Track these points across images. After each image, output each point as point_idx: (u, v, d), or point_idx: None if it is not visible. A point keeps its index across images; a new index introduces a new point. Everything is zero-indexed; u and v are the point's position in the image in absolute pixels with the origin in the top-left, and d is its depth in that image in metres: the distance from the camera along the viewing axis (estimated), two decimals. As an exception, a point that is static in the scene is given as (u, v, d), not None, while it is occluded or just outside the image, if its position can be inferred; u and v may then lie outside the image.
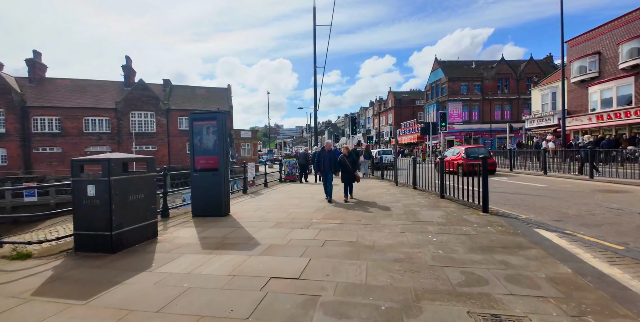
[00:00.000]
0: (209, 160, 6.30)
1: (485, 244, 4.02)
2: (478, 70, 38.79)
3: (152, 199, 4.76)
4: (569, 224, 5.32)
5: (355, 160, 8.21)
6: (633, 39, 19.23)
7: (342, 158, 8.08)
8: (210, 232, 5.08)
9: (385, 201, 7.73)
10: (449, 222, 5.21)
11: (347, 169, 8.03)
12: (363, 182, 12.70)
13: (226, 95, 31.73)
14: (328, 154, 7.96)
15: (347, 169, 8.03)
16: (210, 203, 6.25)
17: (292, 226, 5.28)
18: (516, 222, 5.22)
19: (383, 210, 6.47)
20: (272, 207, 7.23)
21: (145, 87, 27.16)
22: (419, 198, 7.98)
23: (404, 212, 6.15)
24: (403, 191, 9.41)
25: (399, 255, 3.67)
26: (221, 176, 6.23)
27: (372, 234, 4.59)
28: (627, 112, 19.46)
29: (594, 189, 8.62)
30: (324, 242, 4.25)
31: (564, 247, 3.98)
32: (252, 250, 3.99)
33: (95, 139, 26.95)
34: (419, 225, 5.09)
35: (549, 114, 25.78)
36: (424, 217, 5.71)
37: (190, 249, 4.19)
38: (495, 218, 5.48)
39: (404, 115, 51.58)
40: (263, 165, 13.20)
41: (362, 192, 9.42)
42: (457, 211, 6.15)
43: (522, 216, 5.94)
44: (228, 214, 6.42)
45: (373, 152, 20.19)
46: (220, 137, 6.26)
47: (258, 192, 10.25)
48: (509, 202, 7.31)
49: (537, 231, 4.73)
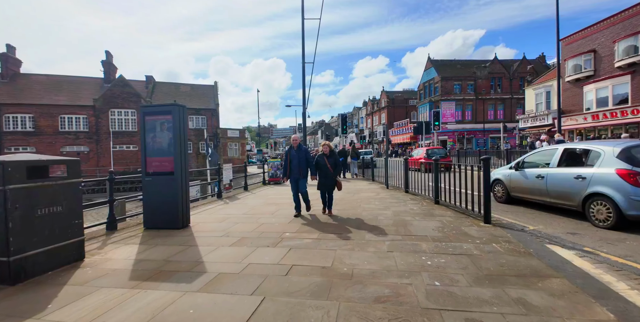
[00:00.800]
0: (163, 162, 5.32)
1: (494, 271, 3.14)
2: (471, 69, 38.33)
3: (76, 213, 3.77)
4: (585, 238, 4.50)
5: (337, 161, 6.22)
6: (629, 36, 18.76)
7: (320, 158, 6.12)
8: (153, 252, 4.10)
9: (373, 207, 6.84)
10: (446, 237, 4.34)
11: (327, 173, 6.08)
12: (352, 184, 11.83)
13: (212, 92, 30.52)
14: (297, 154, 6.03)
15: (327, 173, 6.08)
16: (164, 213, 5.27)
17: (257, 242, 4.34)
18: (525, 237, 4.37)
19: (369, 220, 5.57)
20: (243, 216, 6.27)
21: (125, 83, 25.79)
22: (411, 204, 7.12)
23: (394, 223, 5.26)
24: (394, 195, 8.55)
25: (383, 290, 2.76)
26: (178, 181, 5.25)
27: (352, 255, 3.68)
28: (623, 111, 18.99)
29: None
30: (289, 268, 3.32)
31: (592, 274, 3.13)
32: (192, 282, 3.04)
33: (71, 138, 25.50)
34: (411, 241, 4.20)
35: (543, 113, 25.30)
36: (417, 229, 4.82)
37: (114, 279, 3.22)
38: (499, 231, 4.62)
39: (397, 115, 50.99)
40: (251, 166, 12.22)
41: (349, 197, 8.52)
42: (455, 221, 5.29)
43: (530, 227, 5.11)
44: (187, 225, 5.45)
45: None
46: (177, 134, 5.28)
47: (234, 196, 9.27)
48: (511, 209, 6.50)
49: (552, 249, 3.88)
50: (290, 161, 6.01)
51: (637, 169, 4.32)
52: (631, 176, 4.09)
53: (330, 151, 6.21)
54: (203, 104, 29.14)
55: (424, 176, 8.03)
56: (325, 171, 6.08)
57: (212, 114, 28.82)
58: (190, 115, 28.40)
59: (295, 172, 5.98)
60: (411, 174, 8.98)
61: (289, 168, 6.01)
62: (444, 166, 7.10)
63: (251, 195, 9.59)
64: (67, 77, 26.81)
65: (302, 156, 6.02)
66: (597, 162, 4.96)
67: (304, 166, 6.01)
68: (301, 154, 6.04)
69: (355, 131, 68.13)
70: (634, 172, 4.17)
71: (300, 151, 6.04)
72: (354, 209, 6.79)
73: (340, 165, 6.41)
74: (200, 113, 28.76)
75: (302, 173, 5.99)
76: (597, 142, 6.00)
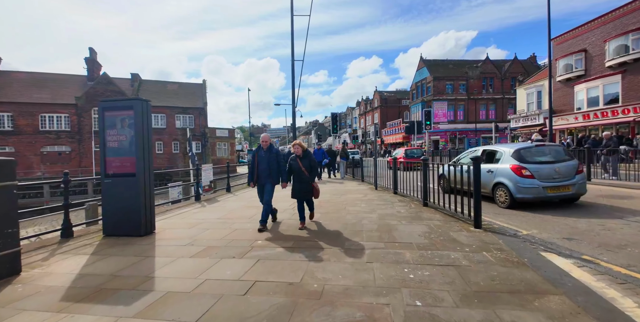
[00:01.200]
0: (124, 162, 4.82)
1: (484, 286, 2.74)
2: (463, 69, 38.28)
3: (9, 220, 3.27)
4: (583, 244, 4.14)
5: (313, 164, 5.20)
6: (620, 35, 18.73)
7: (292, 160, 5.16)
8: (102, 264, 3.62)
9: (359, 210, 6.42)
10: (432, 245, 3.94)
11: (301, 178, 5.09)
12: (341, 185, 11.42)
13: (200, 91, 29.81)
14: (267, 156, 5.08)
15: (301, 178, 5.09)
16: (125, 219, 4.77)
17: (223, 252, 3.88)
18: (518, 244, 4.00)
19: (353, 225, 5.15)
20: (217, 221, 5.80)
21: (109, 81, 24.94)
22: (399, 206, 6.73)
23: (378, 228, 4.85)
24: (382, 197, 8.15)
25: (355, 312, 2.34)
26: (140, 184, 4.76)
27: (326, 268, 3.26)
28: (614, 111, 18.96)
29: (596, 194, 7.59)
30: (251, 285, 2.87)
31: (593, 289, 2.75)
32: (132, 304, 2.57)
33: (52, 138, 24.56)
34: (394, 250, 3.78)
35: (535, 113, 25.27)
36: (402, 235, 4.42)
37: (44, 299, 2.74)
38: (490, 236, 4.25)
39: (390, 114, 50.81)
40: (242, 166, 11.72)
41: (335, 199, 8.11)
42: (443, 225, 4.90)
43: (523, 232, 4.75)
44: (151, 232, 4.96)
45: None
46: (140, 131, 4.79)
47: (214, 199, 8.78)
48: (504, 212, 6.14)
49: (547, 258, 3.51)
50: (258, 164, 5.10)
51: (522, 164, 5.80)
52: (519, 169, 5.30)
53: (303, 152, 5.17)
54: (191, 102, 28.42)
55: (410, 175, 7.66)
56: (299, 176, 5.11)
57: (200, 112, 28.13)
58: (178, 114, 27.68)
59: (263, 178, 5.09)
60: (400, 175, 8.61)
61: (256, 172, 5.10)
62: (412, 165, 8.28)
63: (233, 197, 9.10)
64: (49, 75, 25.83)
65: (272, 159, 5.08)
66: (500, 159, 6.49)
67: (274, 170, 5.08)
68: (271, 156, 5.09)
69: (348, 131, 67.88)
70: (521, 166, 5.41)
71: (270, 153, 5.10)
72: (338, 212, 6.37)
73: (316, 168, 5.43)
74: (187, 112, 28.05)
75: (272, 179, 5.09)
76: (503, 144, 7.52)
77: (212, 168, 9.40)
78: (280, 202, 6.81)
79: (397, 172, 8.68)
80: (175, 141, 27.13)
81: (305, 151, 5.21)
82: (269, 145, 5.15)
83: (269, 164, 5.06)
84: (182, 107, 27.88)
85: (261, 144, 5.21)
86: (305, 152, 5.20)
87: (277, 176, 5.13)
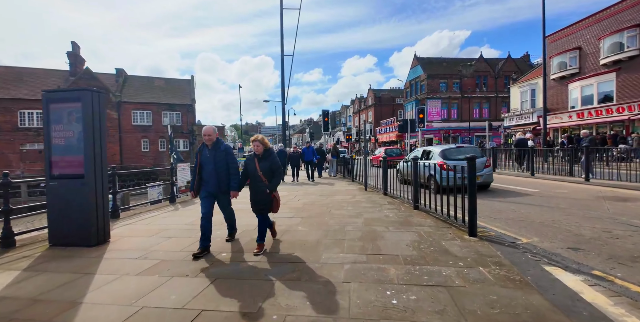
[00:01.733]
0: (71, 162, 4.22)
1: (482, 316, 2.23)
2: (457, 67, 38.00)
3: None
4: (591, 255, 3.67)
5: (276, 167, 3.90)
6: (615, 33, 18.48)
7: (249, 161, 3.94)
8: (29, 283, 3.02)
9: (344, 214, 5.89)
10: (421, 258, 3.42)
11: (257, 185, 3.85)
12: (329, 185, 10.90)
13: (188, 87, 28.91)
14: (213, 155, 3.87)
15: (257, 185, 3.85)
16: (74, 227, 4.17)
17: (177, 269, 3.31)
18: (519, 256, 3.50)
19: (335, 232, 4.61)
20: (184, 227, 5.21)
21: (92, 76, 23.94)
22: (388, 209, 6.22)
23: (362, 236, 4.33)
24: (371, 198, 7.64)
25: (318, 359, 1.80)
26: (90, 187, 4.16)
27: (294, 290, 2.71)
28: (608, 109, 18.75)
29: (596, 196, 7.18)
30: (194, 317, 2.31)
31: (612, 317, 2.26)
32: (32, 347, 2.00)
33: (32, 135, 23.52)
34: (377, 264, 3.26)
35: (528, 111, 25.04)
36: (388, 245, 3.90)
37: None
38: (487, 247, 3.75)
39: (384, 113, 50.41)
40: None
41: (320, 201, 7.58)
42: (435, 233, 4.40)
43: (523, 240, 4.27)
44: (105, 241, 4.36)
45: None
46: (90, 126, 4.18)
47: (191, 201, 8.17)
48: (500, 216, 5.67)
49: (554, 275, 3.01)
50: (202, 167, 3.88)
51: (445, 161, 7.29)
52: (443, 165, 6.14)
53: (264, 151, 3.85)
54: (178, 99, 27.51)
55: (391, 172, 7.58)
56: (255, 182, 3.85)
57: (187, 109, 27.27)
58: (164, 110, 26.81)
59: (210, 184, 3.85)
60: (390, 175, 8.13)
61: (199, 177, 3.91)
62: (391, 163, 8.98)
63: (212, 198, 8.50)
64: (28, 69, 24.70)
65: (219, 159, 3.84)
66: (432, 157, 8.69)
67: (222, 174, 3.86)
68: (219, 155, 3.85)
69: (343, 129, 67.36)
70: (444, 162, 6.35)
71: (217, 151, 3.87)
72: (321, 216, 5.83)
73: (280, 173, 4.01)
74: (174, 109, 27.17)
75: (220, 185, 3.88)
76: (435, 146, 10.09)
77: (189, 167, 8.77)
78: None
79: (387, 172, 8.18)
80: (162, 139, 26.26)
81: (268, 150, 3.90)
82: (214, 142, 3.90)
83: (216, 167, 3.83)
84: (169, 103, 26.98)
85: (204, 139, 3.90)
86: (267, 151, 3.89)
87: (227, 181, 3.92)
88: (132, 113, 25.56)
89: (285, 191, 9.84)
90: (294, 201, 7.76)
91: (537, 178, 10.54)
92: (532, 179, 10.40)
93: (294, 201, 7.64)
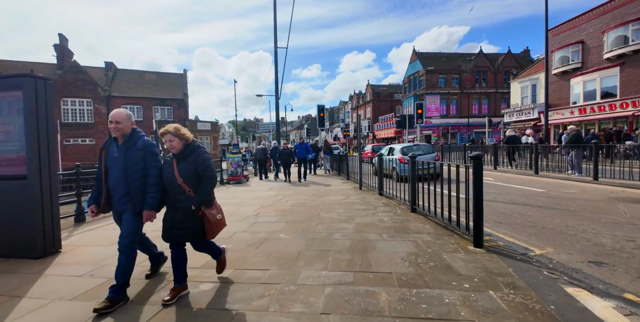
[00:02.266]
0: (12, 160, 3.61)
1: (500, 371, 1.67)
2: (456, 62, 37.31)
3: None
4: (619, 271, 3.12)
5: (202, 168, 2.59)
6: (620, 26, 17.88)
7: (166, 165, 2.67)
8: None
9: (334, 218, 5.33)
10: (419, 276, 2.87)
11: (175, 199, 2.60)
12: (323, 183, 10.33)
13: (181, 81, 28.06)
14: (123, 154, 2.60)
15: (175, 199, 2.60)
16: (16, 236, 3.58)
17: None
18: (535, 274, 2.95)
19: (320, 241, 4.05)
20: (151, 235, 4.62)
21: (80, 69, 23.07)
22: (382, 212, 5.67)
23: (351, 247, 3.77)
24: (365, 199, 7.09)
25: None
26: (34, 189, 3.56)
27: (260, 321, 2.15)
28: (611, 104, 18.22)
29: (608, 196, 6.65)
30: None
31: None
32: None
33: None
34: (365, 287, 2.70)
35: (529, 107, 24.49)
36: (380, 259, 3.34)
37: None
38: (496, 261, 3.20)
39: (382, 109, 49.70)
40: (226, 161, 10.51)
41: (310, 202, 7.02)
42: (434, 242, 3.85)
43: (536, 251, 3.72)
44: (56, 252, 3.78)
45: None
46: (34, 119, 3.57)
47: (172, 201, 7.58)
48: (507, 220, 5.13)
49: (579, 301, 2.46)
50: (106, 172, 2.64)
51: (404, 156, 8.17)
52: (401, 159, 7.59)
53: (185, 147, 2.62)
54: (170, 93, 26.66)
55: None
56: (173, 195, 2.61)
57: (179, 104, 26.44)
58: (155, 105, 26.00)
59: (116, 199, 2.63)
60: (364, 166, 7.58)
61: (105, 187, 2.66)
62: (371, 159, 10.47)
63: (194, 199, 7.91)
64: (13, 62, 23.75)
65: (134, 161, 2.58)
66: (394, 153, 10.41)
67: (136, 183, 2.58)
68: (133, 155, 2.59)
69: (341, 125, 66.64)
70: (402, 157, 7.75)
71: (131, 149, 2.60)
72: (308, 220, 5.26)
73: (212, 176, 2.65)
74: (166, 103, 26.33)
75: (132, 200, 2.58)
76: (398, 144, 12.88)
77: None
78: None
79: (382, 171, 7.63)
80: (150, 135, 25.51)
81: (190, 146, 2.62)
82: (128, 134, 2.63)
83: (126, 172, 2.55)
84: (161, 98, 26.14)
85: (110, 129, 2.61)
86: (190, 147, 2.61)
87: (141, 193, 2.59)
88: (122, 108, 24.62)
89: (274, 190, 9.28)
90: (282, 201, 7.19)
91: (541, 176, 10.02)
92: (537, 178, 9.87)
93: (282, 202, 7.07)
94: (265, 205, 6.79)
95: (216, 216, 2.65)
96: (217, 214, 2.68)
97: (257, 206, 6.70)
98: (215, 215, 2.64)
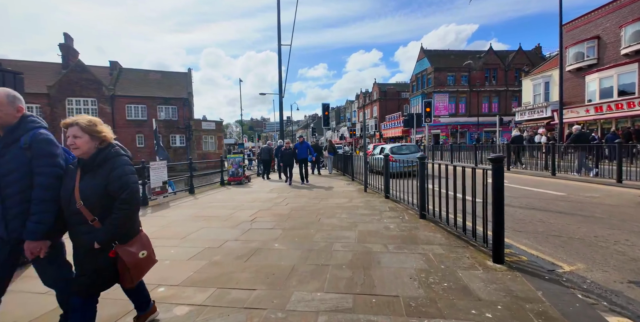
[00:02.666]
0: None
1: None
2: (465, 60, 36.46)
3: None
4: (668, 295, 2.63)
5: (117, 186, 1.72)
6: (638, 20, 17.02)
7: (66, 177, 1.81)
8: None
9: (335, 225, 4.91)
10: (431, 302, 2.43)
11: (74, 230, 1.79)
12: (326, 185, 9.90)
13: (185, 80, 27.89)
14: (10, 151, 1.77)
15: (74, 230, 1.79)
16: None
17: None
18: (568, 299, 2.48)
19: (318, 253, 3.63)
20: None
21: (84, 69, 23.05)
22: (389, 218, 5.23)
23: (352, 261, 3.34)
24: (370, 203, 6.65)
25: None
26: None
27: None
28: (630, 102, 17.37)
29: (636, 201, 6.09)
30: None
31: None
32: None
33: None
34: (366, 316, 2.27)
35: (542, 105, 23.65)
36: (384, 277, 2.91)
37: None
38: (521, 282, 2.74)
39: (389, 108, 49.03)
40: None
41: (312, 205, 6.60)
42: (447, 256, 3.40)
43: (565, 267, 3.24)
44: (25, 264, 3.42)
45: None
46: None
47: (166, 204, 7.25)
48: (527, 228, 4.64)
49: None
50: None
51: (393, 155, 9.61)
52: (389, 157, 7.63)
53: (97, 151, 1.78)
54: (174, 93, 26.51)
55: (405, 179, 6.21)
56: (71, 223, 1.79)
57: (184, 103, 26.28)
58: (159, 105, 25.87)
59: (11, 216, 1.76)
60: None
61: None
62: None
63: (189, 202, 7.57)
64: (18, 62, 23.89)
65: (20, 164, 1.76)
66: (384, 152, 11.16)
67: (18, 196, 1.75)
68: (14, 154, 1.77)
69: (347, 125, 66.07)
70: (392, 156, 8.24)
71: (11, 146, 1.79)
72: (307, 227, 4.85)
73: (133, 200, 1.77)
74: (170, 103, 26.20)
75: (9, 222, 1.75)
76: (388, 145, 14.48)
77: (165, 166, 7.79)
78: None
79: (388, 172, 7.17)
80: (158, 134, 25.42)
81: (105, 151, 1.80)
82: (14, 124, 1.82)
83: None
84: (165, 97, 26.01)
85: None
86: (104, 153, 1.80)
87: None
88: (127, 107, 24.63)
89: (275, 192, 8.89)
90: (281, 205, 6.80)
91: (558, 178, 9.42)
92: (554, 180, 9.28)
93: (281, 206, 6.67)
94: (263, 208, 6.40)
95: (138, 255, 1.83)
96: (140, 250, 1.86)
97: (254, 209, 6.32)
98: (135, 254, 1.82)
